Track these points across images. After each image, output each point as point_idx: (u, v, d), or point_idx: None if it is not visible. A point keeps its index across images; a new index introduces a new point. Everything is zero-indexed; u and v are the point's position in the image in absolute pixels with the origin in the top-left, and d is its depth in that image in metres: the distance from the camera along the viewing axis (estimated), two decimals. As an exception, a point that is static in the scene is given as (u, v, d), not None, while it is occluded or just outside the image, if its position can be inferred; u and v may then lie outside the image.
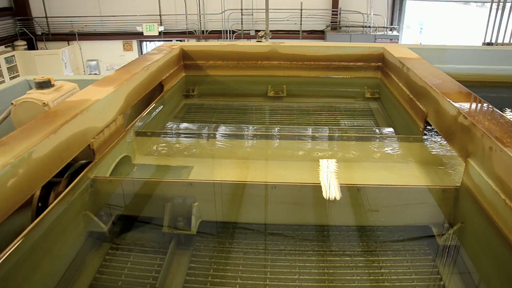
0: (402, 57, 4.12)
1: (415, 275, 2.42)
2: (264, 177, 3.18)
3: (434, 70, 3.62)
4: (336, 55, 4.84)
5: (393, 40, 15.37)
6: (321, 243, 2.68)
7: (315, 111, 4.58)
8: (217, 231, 2.78)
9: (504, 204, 2.03)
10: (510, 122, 2.43)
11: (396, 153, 3.34)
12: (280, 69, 4.95)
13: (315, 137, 3.72)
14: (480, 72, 5.13)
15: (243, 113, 4.61)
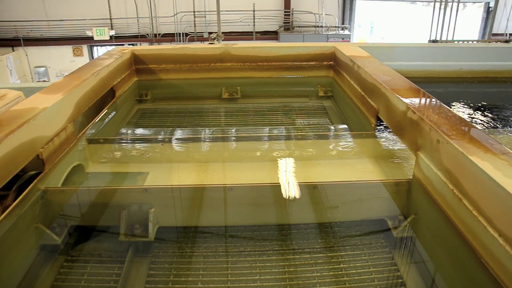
0: (353, 56, 4.21)
1: (373, 267, 2.47)
2: (222, 179, 3.16)
3: (384, 68, 3.72)
4: (288, 55, 4.90)
5: (345, 39, 15.70)
6: (280, 242, 2.70)
7: (270, 111, 4.61)
8: (176, 236, 2.75)
9: (452, 194, 2.11)
10: (456, 115, 2.53)
11: (351, 150, 3.41)
12: (234, 70, 4.95)
13: (272, 137, 3.74)
14: (426, 68, 5.33)
15: (198, 116, 4.57)
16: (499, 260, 1.80)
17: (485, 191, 1.89)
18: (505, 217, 1.76)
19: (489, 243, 1.86)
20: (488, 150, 2.07)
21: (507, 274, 1.76)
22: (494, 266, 1.84)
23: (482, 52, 5.69)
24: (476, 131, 2.34)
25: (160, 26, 16.76)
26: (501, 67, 5.62)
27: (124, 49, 4.82)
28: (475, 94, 5.41)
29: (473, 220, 1.97)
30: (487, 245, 1.88)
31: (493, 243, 1.83)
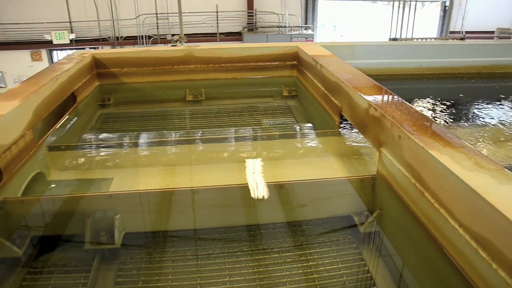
0: (315, 55, 4.25)
1: (341, 263, 2.51)
2: (189, 182, 3.13)
3: (346, 66, 3.78)
4: (252, 55, 4.91)
5: (308, 38, 15.86)
6: (249, 242, 2.70)
7: (235, 113, 4.61)
8: (144, 242, 2.71)
9: (415, 188, 2.17)
10: (416, 111, 2.59)
11: (316, 148, 3.45)
12: (197, 72, 4.92)
13: (238, 138, 3.74)
14: (388, 66, 5.45)
15: (163, 119, 4.52)
16: (460, 250, 1.86)
17: (445, 184, 1.95)
18: (464, 208, 1.82)
19: (450, 234, 1.92)
20: (447, 144, 2.13)
21: (468, 264, 1.81)
22: (456, 256, 1.90)
23: (440, 49, 5.87)
24: (435, 126, 2.41)
25: (122, 29, 16.47)
26: (457, 63, 5.82)
27: (85, 53, 4.71)
28: (435, 90, 5.57)
29: (435, 213, 2.03)
30: (448, 236, 1.94)
31: (454, 234, 1.88)
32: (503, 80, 5.99)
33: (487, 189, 1.73)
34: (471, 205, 1.77)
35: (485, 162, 1.97)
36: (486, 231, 1.70)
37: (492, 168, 1.92)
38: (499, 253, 1.62)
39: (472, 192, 1.75)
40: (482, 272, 1.72)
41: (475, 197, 1.73)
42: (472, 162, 1.96)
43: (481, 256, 1.72)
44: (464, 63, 5.88)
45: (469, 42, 6.60)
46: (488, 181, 1.81)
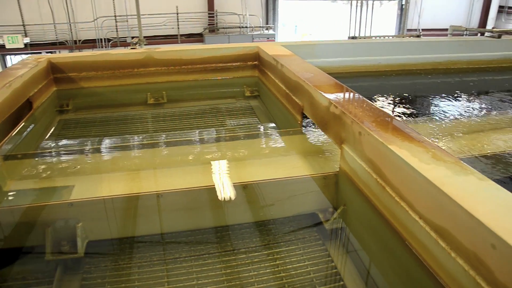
0: (276, 55, 4.28)
1: (308, 261, 2.53)
2: (154, 186, 3.09)
3: (306, 65, 3.82)
4: (213, 57, 4.89)
5: (270, 38, 15.94)
6: (216, 244, 2.69)
7: (198, 114, 4.58)
8: (109, 249, 2.65)
9: (376, 183, 2.21)
10: (376, 108, 2.65)
11: (280, 147, 3.46)
12: (158, 75, 4.86)
13: (202, 140, 3.71)
14: (347, 64, 5.55)
15: (124, 123, 4.44)
16: (421, 241, 1.91)
17: (404, 177, 1.99)
18: (424, 200, 1.87)
19: (411, 226, 1.97)
20: (406, 139, 2.19)
21: (429, 254, 1.86)
22: (418, 247, 1.95)
23: (397, 46, 6.02)
24: (395, 121, 2.46)
25: (80, 32, 16.06)
26: (414, 60, 5.99)
27: (40, 58, 4.57)
28: (394, 87, 5.71)
29: (396, 206, 2.07)
30: (410, 228, 1.99)
31: (415, 226, 1.93)
32: (457, 75, 6.21)
33: (444, 181, 1.79)
34: (429, 197, 1.82)
35: (442, 154, 2.04)
36: (444, 221, 1.75)
37: (449, 160, 1.98)
38: (457, 242, 1.68)
39: (429, 184, 1.80)
40: (442, 261, 1.78)
41: (432, 189, 1.78)
42: (429, 155, 2.02)
43: (440, 246, 1.77)
44: (421, 60, 6.06)
45: (425, 39, 6.81)
46: (444, 173, 1.87)
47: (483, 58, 6.44)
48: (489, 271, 1.52)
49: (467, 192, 1.72)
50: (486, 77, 6.33)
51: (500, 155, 3.35)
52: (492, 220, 1.53)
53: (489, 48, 6.44)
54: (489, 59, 6.46)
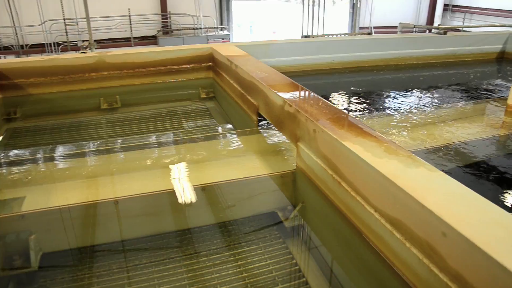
0: (230, 55, 4.27)
1: (270, 260, 2.54)
2: (111, 193, 3.01)
3: (260, 65, 3.83)
4: (166, 59, 4.82)
5: (225, 39, 15.89)
6: (177, 248, 2.66)
7: (154, 118, 4.50)
8: (66, 261, 2.56)
9: (332, 179, 2.25)
10: (329, 105, 2.69)
11: (238, 148, 3.46)
12: (111, 79, 4.74)
13: (160, 144, 3.66)
14: (301, 63, 5.62)
15: (77, 130, 4.30)
16: (377, 233, 1.95)
17: (359, 172, 2.04)
18: (378, 193, 1.92)
19: (368, 219, 2.01)
20: (359, 134, 2.23)
21: (385, 245, 1.91)
22: (374, 240, 1.99)
23: (349, 44, 6.16)
24: (348, 117, 2.51)
25: (27, 36, 15.40)
26: (366, 57, 6.14)
27: (-17, 65, 4.37)
28: (347, 83, 5.83)
29: (352, 201, 2.12)
30: (366, 222, 2.03)
31: (371, 218, 1.98)
32: (408, 71, 6.42)
33: (396, 174, 1.84)
34: (383, 190, 1.87)
35: (394, 148, 2.09)
36: (398, 213, 1.80)
37: (401, 153, 2.04)
38: (411, 232, 1.73)
39: (383, 178, 1.84)
40: (398, 252, 1.83)
41: (386, 182, 1.83)
42: (382, 150, 2.07)
43: (396, 237, 1.82)
44: (373, 57, 6.23)
45: (376, 36, 6.99)
46: (397, 166, 1.92)
47: (431, 54, 6.69)
48: (441, 258, 1.58)
49: (418, 184, 1.77)
50: (435, 72, 6.58)
51: (450, 146, 3.48)
52: (442, 209, 1.59)
53: (436, 44, 6.70)
54: (436, 55, 6.72)
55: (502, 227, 1.49)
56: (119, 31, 15.79)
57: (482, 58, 7.08)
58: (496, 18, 16.13)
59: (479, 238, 1.42)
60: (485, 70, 6.87)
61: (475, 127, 3.90)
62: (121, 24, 15.70)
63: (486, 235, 1.45)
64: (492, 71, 6.97)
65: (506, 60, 7.11)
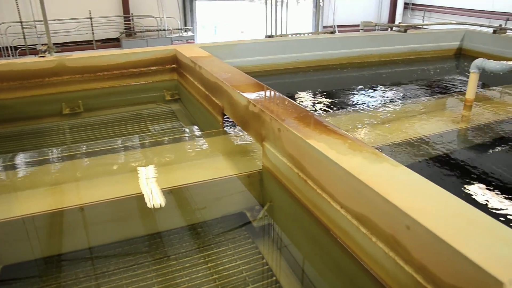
0: (194, 57, 4.24)
1: (240, 260, 2.53)
2: (76, 200, 2.94)
3: (224, 66, 3.82)
4: (129, 62, 4.74)
5: (189, 40, 15.78)
6: (146, 253, 2.61)
7: (119, 122, 4.42)
8: (29, 272, 2.48)
9: (298, 177, 2.26)
10: (293, 103, 2.71)
11: (205, 149, 3.44)
12: (72, 83, 4.63)
13: (126, 148, 3.59)
14: (266, 62, 5.64)
15: (39, 136, 4.18)
16: (344, 229, 1.98)
17: (324, 169, 2.06)
18: (343, 190, 1.94)
19: (334, 216, 2.03)
20: (324, 132, 2.26)
21: (352, 241, 1.94)
22: (341, 235, 2.02)
23: (313, 43, 6.22)
24: (312, 116, 2.53)
25: (-20, 40, 14.85)
26: (330, 55, 6.22)
27: None
28: (312, 82, 5.88)
29: (318, 198, 2.13)
30: (333, 218, 2.05)
31: (337, 215, 2.00)
32: (371, 68, 6.53)
33: (360, 170, 1.87)
34: (348, 187, 1.89)
35: (358, 145, 2.12)
36: (363, 208, 1.83)
37: (365, 150, 2.07)
38: (376, 227, 1.76)
39: (347, 174, 1.87)
40: (365, 247, 1.85)
41: (350, 179, 1.85)
42: (346, 146, 2.10)
43: (362, 232, 1.84)
44: (336, 55, 6.31)
45: (339, 35, 7.09)
46: (361, 162, 1.95)
47: (393, 51, 6.84)
48: (406, 251, 1.61)
49: (382, 179, 1.81)
50: (397, 69, 6.72)
51: (413, 141, 3.56)
52: (405, 203, 1.62)
53: (397, 42, 6.86)
54: (398, 52, 6.88)
55: (463, 218, 1.54)
56: (81, 34, 15.43)
57: (441, 55, 7.29)
58: (453, 16, 16.66)
59: (441, 229, 1.46)
60: (444, 66, 7.07)
61: (436, 122, 4.01)
62: (82, 27, 15.33)
63: (448, 226, 1.49)
64: (451, 67, 7.19)
65: (463, 56, 7.35)
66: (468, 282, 1.35)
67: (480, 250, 1.36)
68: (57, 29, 14.09)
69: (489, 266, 1.28)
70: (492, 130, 3.91)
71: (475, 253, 1.34)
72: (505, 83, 5.43)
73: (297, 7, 18.64)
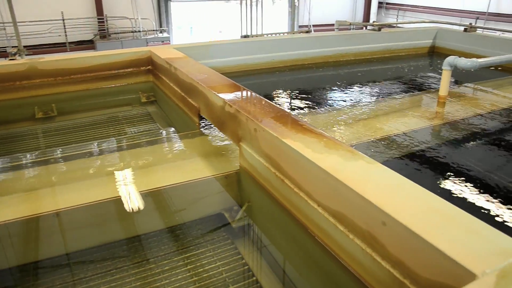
0: (169, 58, 4.21)
1: (219, 261, 2.52)
2: (52, 205, 2.88)
3: (200, 66, 3.81)
4: (103, 64, 4.67)
5: (165, 42, 15.67)
6: (124, 258, 2.58)
7: (95, 125, 4.36)
8: (4, 281, 2.42)
9: (275, 177, 2.27)
10: (269, 103, 2.71)
11: (182, 151, 3.42)
12: (45, 87, 4.53)
13: (103, 151, 3.54)
14: (242, 63, 5.64)
15: (11, 142, 4.08)
16: (322, 227, 1.99)
17: (300, 168, 2.06)
18: (320, 188, 1.95)
19: (312, 214, 2.04)
20: (300, 131, 2.27)
21: (330, 238, 1.95)
22: (319, 234, 2.03)
23: (289, 43, 6.24)
24: (288, 115, 2.54)
25: None
26: (306, 55, 6.25)
27: None
28: (288, 81, 5.90)
29: (295, 197, 2.14)
30: (310, 217, 2.06)
31: (315, 213, 2.01)
32: (346, 66, 6.60)
33: (336, 168, 1.88)
34: (325, 185, 1.90)
35: (334, 143, 2.14)
36: (340, 206, 1.84)
37: (340, 148, 2.08)
38: (353, 224, 1.77)
39: (324, 173, 1.88)
40: (343, 244, 1.87)
41: (327, 177, 1.87)
42: (322, 145, 2.11)
43: (339, 230, 1.86)
44: (312, 54, 6.35)
45: (314, 34, 7.14)
46: (336, 160, 1.97)
47: (368, 50, 6.92)
48: (382, 247, 1.63)
49: (358, 176, 1.82)
50: (372, 67, 6.81)
51: (389, 138, 3.61)
52: (381, 199, 1.64)
53: (372, 41, 6.94)
54: (372, 51, 6.96)
55: (437, 213, 1.57)
56: (53, 36, 15.12)
57: (415, 53, 7.42)
58: (426, 15, 17.01)
59: (416, 224, 1.48)
60: (418, 64, 7.20)
61: (411, 119, 4.07)
62: (54, 29, 15.03)
63: (423, 221, 1.51)
64: (424, 64, 7.32)
65: (436, 54, 7.49)
66: (443, 275, 1.37)
67: (454, 243, 1.39)
68: (28, 31, 13.81)
69: (463, 259, 1.31)
70: (465, 126, 4.00)
71: (449, 247, 1.36)
72: (477, 80, 5.56)
73: (273, 7, 18.70)
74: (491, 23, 14.92)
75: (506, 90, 5.34)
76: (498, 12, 15.16)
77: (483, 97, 5.06)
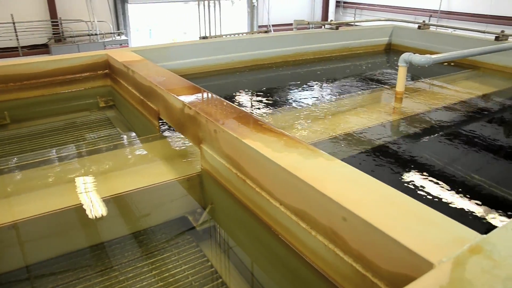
0: (126, 61, 4.14)
1: (185, 265, 2.50)
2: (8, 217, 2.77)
3: (158, 69, 3.76)
4: (58, 68, 4.53)
5: (123, 44, 15.39)
6: (85, 267, 2.52)
7: (52, 132, 4.22)
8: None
9: (237, 177, 2.27)
10: (229, 104, 2.71)
11: (143, 155, 3.37)
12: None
13: (61, 158, 3.45)
14: (201, 64, 5.61)
15: (-39, 152, 3.91)
16: (285, 226, 2.01)
17: (261, 168, 2.07)
18: (281, 187, 1.97)
19: (274, 214, 2.06)
20: (259, 131, 2.28)
21: (293, 236, 1.97)
22: (282, 232, 2.05)
23: (248, 43, 6.25)
24: (248, 115, 2.55)
25: None
26: (265, 54, 6.29)
27: None
28: (248, 81, 5.91)
29: (258, 197, 2.15)
30: (273, 216, 2.08)
31: (277, 212, 2.02)
32: (306, 65, 6.67)
33: (296, 166, 1.90)
34: (285, 183, 1.92)
35: (294, 141, 2.16)
36: (301, 204, 1.86)
37: (300, 146, 2.11)
38: (315, 221, 1.80)
39: (284, 171, 1.89)
40: (306, 241, 1.89)
41: (287, 175, 1.88)
42: (282, 144, 2.13)
43: (302, 227, 1.88)
44: (271, 54, 6.39)
45: (273, 34, 7.18)
46: (296, 158, 1.98)
47: (326, 48, 7.03)
48: (344, 242, 1.66)
49: (317, 174, 1.85)
50: (331, 65, 6.91)
51: (349, 134, 3.68)
52: (340, 195, 1.67)
53: (330, 39, 7.05)
54: (331, 49, 7.07)
55: (395, 206, 1.61)
56: (4, 40, 14.53)
57: (372, 50, 7.59)
58: (382, 13, 17.44)
59: (375, 219, 1.52)
60: (376, 61, 7.36)
61: (370, 115, 4.17)
62: (4, 33, 14.45)
63: (382, 215, 1.55)
64: (381, 61, 7.50)
65: (393, 51, 7.69)
66: (403, 266, 1.41)
67: (412, 235, 1.43)
68: (-23, 36, 13.25)
69: (420, 249, 1.35)
70: (422, 120, 4.13)
71: (408, 239, 1.40)
72: (432, 75, 5.75)
73: (232, 8, 18.71)
74: (444, 20, 15.47)
75: (459, 85, 5.55)
76: (450, 10, 15.75)
77: (438, 91, 5.24)
